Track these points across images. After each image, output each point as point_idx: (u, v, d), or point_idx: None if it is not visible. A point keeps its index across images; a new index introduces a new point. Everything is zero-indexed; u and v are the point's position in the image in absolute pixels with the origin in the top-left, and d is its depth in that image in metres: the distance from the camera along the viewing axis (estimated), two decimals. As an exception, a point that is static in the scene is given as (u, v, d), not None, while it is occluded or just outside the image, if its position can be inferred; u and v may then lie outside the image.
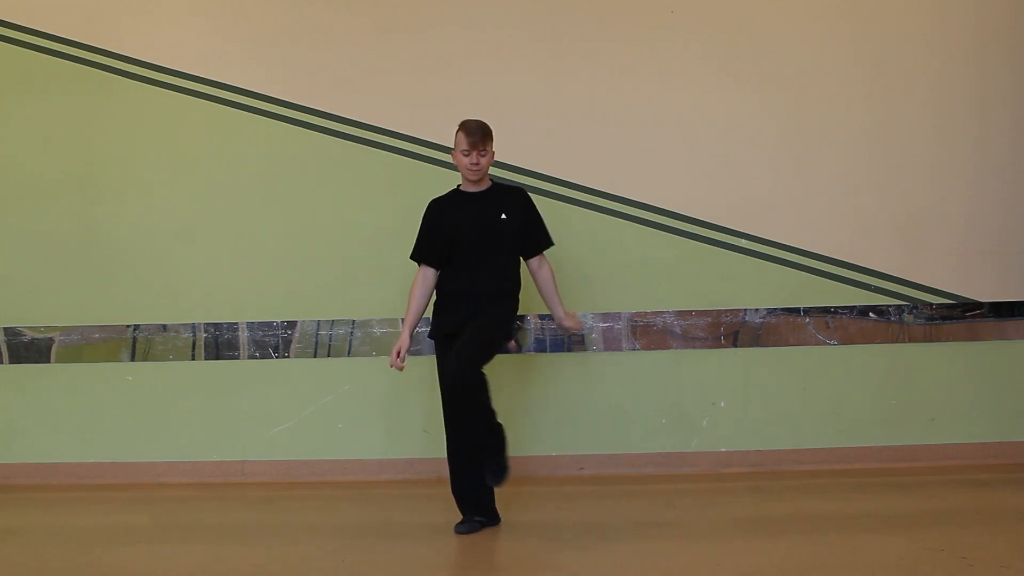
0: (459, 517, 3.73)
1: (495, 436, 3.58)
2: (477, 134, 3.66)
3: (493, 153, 3.76)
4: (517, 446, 4.73)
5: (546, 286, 3.88)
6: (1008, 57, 4.88)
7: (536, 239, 3.85)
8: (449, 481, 3.77)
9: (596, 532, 3.62)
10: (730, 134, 4.87)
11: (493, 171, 4.64)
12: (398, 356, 3.73)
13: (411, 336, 3.80)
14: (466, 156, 3.68)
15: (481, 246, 3.70)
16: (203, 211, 4.92)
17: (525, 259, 3.88)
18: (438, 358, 3.76)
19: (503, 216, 3.72)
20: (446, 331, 3.73)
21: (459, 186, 3.84)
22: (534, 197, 3.96)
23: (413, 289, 3.82)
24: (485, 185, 3.80)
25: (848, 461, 4.77)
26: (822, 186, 4.87)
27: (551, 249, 3.93)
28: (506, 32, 4.90)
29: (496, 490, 3.78)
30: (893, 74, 4.88)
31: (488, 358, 3.60)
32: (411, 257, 3.89)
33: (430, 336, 3.84)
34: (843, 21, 4.89)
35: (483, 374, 3.52)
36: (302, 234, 4.90)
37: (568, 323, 3.89)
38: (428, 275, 3.82)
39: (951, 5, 4.89)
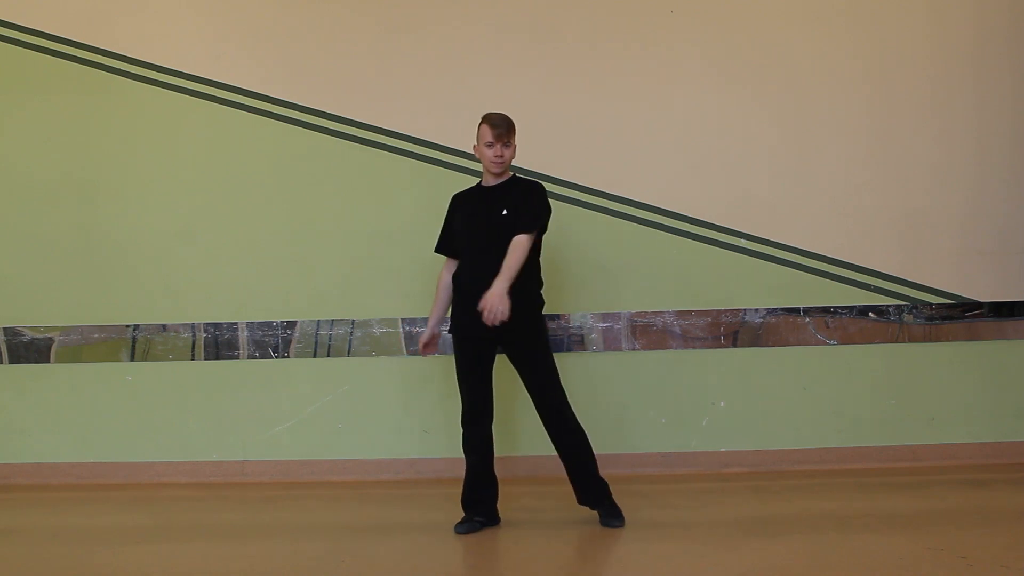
0: (459, 517, 3.73)
1: (602, 481, 3.72)
2: (502, 126, 3.66)
3: (515, 147, 3.76)
4: (517, 446, 4.74)
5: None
6: (1008, 57, 4.88)
7: (522, 221, 3.61)
8: (463, 479, 3.75)
9: (596, 532, 3.62)
10: (730, 134, 4.88)
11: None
12: (423, 346, 3.90)
13: (433, 328, 3.87)
14: (490, 148, 3.68)
15: (480, 242, 3.69)
16: (203, 211, 4.92)
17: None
18: (455, 353, 3.76)
19: (504, 212, 3.67)
20: (462, 331, 3.72)
21: (480, 181, 3.85)
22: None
23: (438, 281, 3.91)
24: (504, 179, 3.78)
25: (848, 461, 4.77)
26: (822, 186, 4.87)
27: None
28: (507, 32, 4.90)
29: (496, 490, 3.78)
30: (893, 74, 4.88)
31: (558, 377, 3.70)
32: (435, 250, 3.93)
33: (449, 331, 3.82)
34: (843, 21, 4.89)
35: (565, 396, 3.68)
36: (302, 234, 4.90)
37: (484, 302, 3.46)
38: (450, 266, 3.88)
39: (951, 5, 4.89)
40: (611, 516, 3.68)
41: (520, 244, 3.58)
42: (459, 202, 3.85)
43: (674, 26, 4.89)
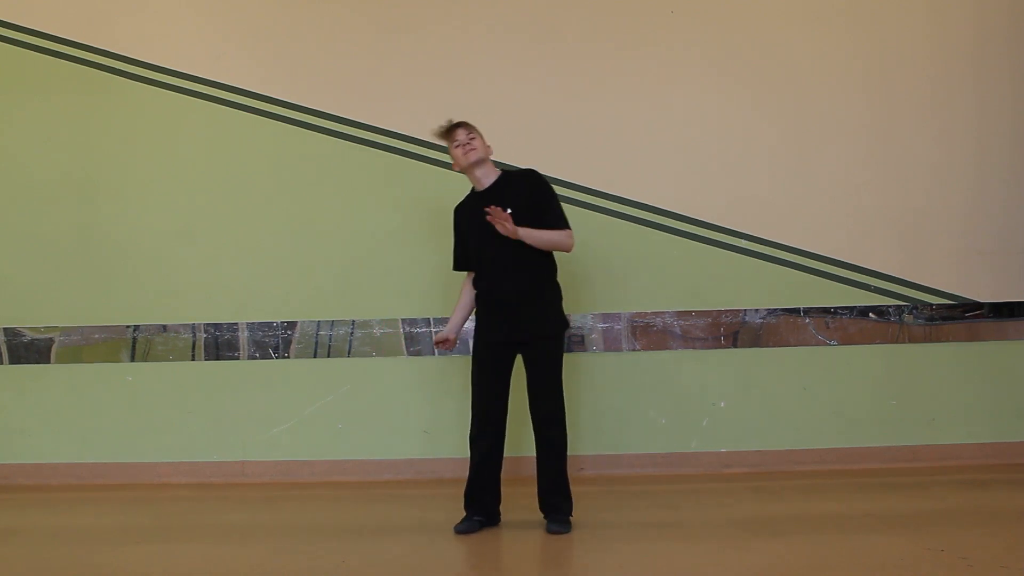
0: (459, 516, 3.73)
1: (566, 498, 3.67)
2: (455, 125, 3.70)
3: (483, 139, 3.71)
4: (517, 446, 4.73)
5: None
6: (1008, 57, 4.88)
7: (550, 222, 3.67)
8: (467, 478, 3.74)
9: (596, 532, 3.62)
10: (730, 134, 4.88)
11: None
12: (438, 343, 3.80)
13: (451, 331, 3.79)
14: (458, 147, 3.68)
15: (492, 247, 3.65)
16: (203, 211, 4.92)
17: None
18: (473, 364, 3.74)
19: (509, 211, 3.58)
20: (484, 336, 3.72)
21: (473, 187, 3.82)
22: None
23: (462, 289, 3.86)
24: (493, 176, 3.74)
25: (848, 461, 4.77)
26: (822, 186, 4.87)
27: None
28: (506, 32, 4.90)
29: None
30: (893, 74, 4.88)
31: (561, 391, 3.67)
32: (454, 268, 3.88)
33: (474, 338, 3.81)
34: (843, 21, 4.89)
35: (559, 409, 3.65)
36: (302, 234, 4.90)
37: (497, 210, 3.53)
38: (468, 279, 3.85)
39: (951, 5, 4.89)
40: (558, 524, 3.61)
41: (560, 233, 3.66)
42: (463, 213, 3.80)
43: (674, 26, 4.89)
